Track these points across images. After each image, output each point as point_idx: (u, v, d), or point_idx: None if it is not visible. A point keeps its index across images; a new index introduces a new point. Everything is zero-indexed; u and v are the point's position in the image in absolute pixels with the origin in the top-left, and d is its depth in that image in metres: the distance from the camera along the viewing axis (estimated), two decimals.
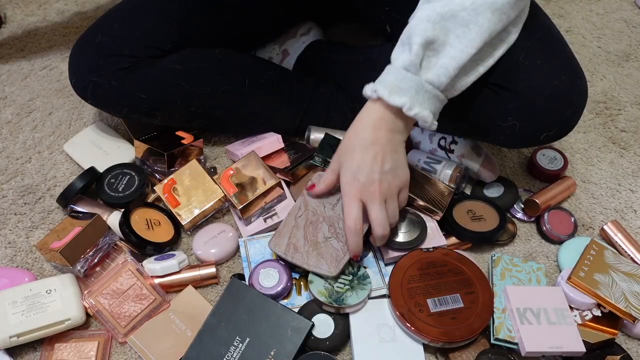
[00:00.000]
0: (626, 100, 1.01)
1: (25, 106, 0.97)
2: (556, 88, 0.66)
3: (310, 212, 0.69)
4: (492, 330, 0.66)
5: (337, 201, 0.69)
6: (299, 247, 0.68)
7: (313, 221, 0.68)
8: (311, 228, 0.68)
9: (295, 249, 0.68)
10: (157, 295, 0.70)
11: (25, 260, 0.76)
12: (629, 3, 1.23)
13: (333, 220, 0.68)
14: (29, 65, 1.04)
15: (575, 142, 0.93)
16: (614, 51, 1.10)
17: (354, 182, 0.62)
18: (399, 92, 0.59)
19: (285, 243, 0.68)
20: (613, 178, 0.88)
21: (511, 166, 0.89)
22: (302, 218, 0.69)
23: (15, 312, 0.65)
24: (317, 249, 0.67)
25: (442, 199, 0.77)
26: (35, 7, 1.18)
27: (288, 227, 0.69)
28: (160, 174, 0.83)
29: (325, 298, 0.67)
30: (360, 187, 0.62)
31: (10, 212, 0.82)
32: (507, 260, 0.73)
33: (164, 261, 0.72)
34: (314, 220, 0.68)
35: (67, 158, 0.88)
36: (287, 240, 0.68)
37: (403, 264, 0.71)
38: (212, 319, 0.65)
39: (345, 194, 0.63)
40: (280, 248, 0.68)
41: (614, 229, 0.78)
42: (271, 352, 0.63)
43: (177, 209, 0.77)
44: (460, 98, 0.65)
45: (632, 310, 0.66)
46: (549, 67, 0.67)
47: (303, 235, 0.68)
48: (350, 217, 0.63)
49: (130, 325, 0.68)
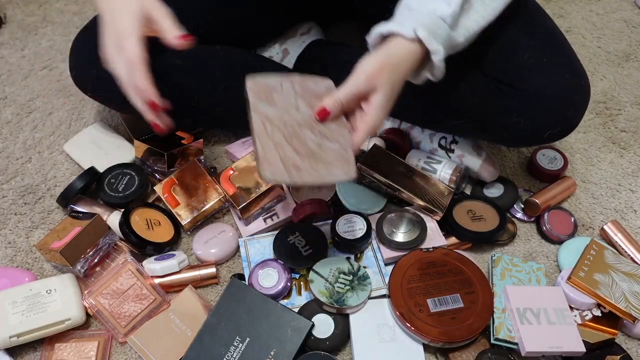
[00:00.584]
0: (626, 100, 1.01)
1: (26, 106, 0.97)
2: (560, 87, 0.67)
3: (281, 124, 0.58)
4: (492, 330, 0.67)
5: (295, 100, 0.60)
6: (298, 164, 0.57)
7: (291, 132, 0.58)
8: (295, 140, 0.58)
9: (296, 169, 0.57)
10: (157, 295, 0.70)
11: (25, 260, 0.76)
12: (629, 3, 1.23)
13: (309, 121, 0.59)
14: (29, 66, 1.04)
15: (575, 142, 0.93)
16: (613, 51, 1.10)
17: (387, 106, 0.59)
18: (435, 38, 0.58)
19: (282, 167, 0.56)
20: (613, 178, 0.88)
21: (511, 166, 0.89)
22: (278, 134, 0.58)
23: (15, 312, 0.65)
24: (317, 157, 0.58)
25: (442, 199, 0.77)
26: (35, 7, 1.18)
27: (270, 150, 0.57)
28: (160, 174, 0.83)
29: (326, 298, 0.67)
30: (384, 116, 0.60)
31: (11, 212, 0.82)
32: (507, 260, 0.73)
33: (164, 261, 0.72)
34: (292, 131, 0.58)
35: (67, 158, 0.88)
36: (282, 164, 0.57)
37: (403, 264, 0.71)
38: (212, 319, 0.66)
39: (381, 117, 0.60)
40: (282, 175, 0.56)
41: (614, 229, 0.78)
42: (271, 352, 0.63)
43: (177, 209, 0.77)
44: (465, 95, 0.65)
45: (632, 310, 0.66)
46: (553, 66, 0.68)
47: (293, 150, 0.57)
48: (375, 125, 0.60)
49: (130, 325, 0.68)
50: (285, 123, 0.59)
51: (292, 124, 0.59)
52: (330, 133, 0.59)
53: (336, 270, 0.70)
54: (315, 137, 0.59)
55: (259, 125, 0.58)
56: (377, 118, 0.58)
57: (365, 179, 0.78)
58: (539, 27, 0.70)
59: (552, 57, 0.69)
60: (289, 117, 0.59)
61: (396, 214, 0.77)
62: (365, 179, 0.78)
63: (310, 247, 0.73)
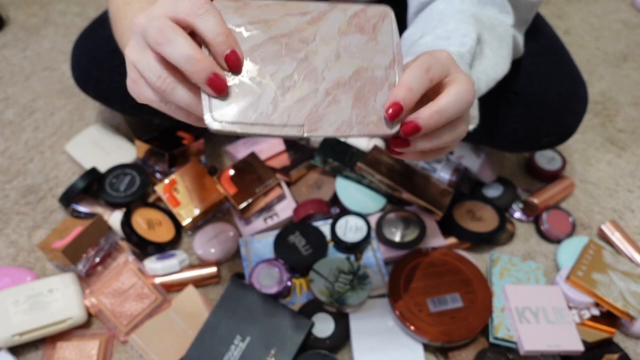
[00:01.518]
0: (624, 100, 1.01)
1: (28, 107, 0.97)
2: (559, 94, 0.68)
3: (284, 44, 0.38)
4: (491, 329, 0.67)
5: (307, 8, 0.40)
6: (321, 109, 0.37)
7: (303, 57, 0.38)
8: (310, 70, 0.38)
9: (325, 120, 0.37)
10: (158, 294, 0.70)
11: (27, 259, 0.77)
12: (626, 4, 1.23)
13: (325, 35, 0.39)
14: (31, 66, 1.05)
15: (574, 143, 0.94)
16: (612, 52, 1.11)
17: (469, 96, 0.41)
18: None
19: (304, 112, 0.37)
20: (611, 178, 0.89)
21: (510, 166, 0.89)
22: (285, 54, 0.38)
23: (17, 311, 0.66)
24: (355, 95, 0.38)
25: (441, 199, 0.78)
26: (37, 8, 1.18)
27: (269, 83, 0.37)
28: (161, 174, 0.83)
29: (326, 298, 0.67)
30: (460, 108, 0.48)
31: (13, 211, 0.82)
32: (506, 259, 0.74)
33: (165, 261, 0.72)
34: (303, 57, 0.38)
35: (68, 158, 0.89)
36: (302, 107, 0.37)
37: (402, 263, 0.71)
38: (213, 318, 0.66)
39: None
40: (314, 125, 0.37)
41: (612, 229, 0.79)
42: (271, 351, 0.63)
43: (178, 208, 0.78)
44: None
45: (629, 309, 0.66)
46: (554, 73, 0.69)
47: (315, 84, 0.37)
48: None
49: (131, 325, 0.68)
50: (290, 45, 0.38)
51: (299, 44, 0.38)
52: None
53: (336, 270, 0.70)
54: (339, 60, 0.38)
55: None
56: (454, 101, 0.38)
57: (365, 179, 0.79)
58: (539, 34, 0.71)
59: (553, 64, 0.70)
60: (291, 28, 0.39)
61: (396, 214, 0.77)
62: (365, 179, 0.79)
63: (310, 246, 0.73)
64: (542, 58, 0.69)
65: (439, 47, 0.52)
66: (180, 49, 0.34)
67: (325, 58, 0.38)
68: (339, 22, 0.39)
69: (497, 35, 0.56)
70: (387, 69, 0.39)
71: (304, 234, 0.74)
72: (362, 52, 0.39)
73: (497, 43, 0.56)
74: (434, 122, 0.38)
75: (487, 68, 0.55)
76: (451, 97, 0.38)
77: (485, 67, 0.55)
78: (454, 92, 0.38)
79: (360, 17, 0.40)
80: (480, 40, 0.54)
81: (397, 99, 0.37)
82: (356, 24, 0.40)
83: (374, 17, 0.40)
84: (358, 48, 0.39)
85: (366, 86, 0.38)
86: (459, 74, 0.39)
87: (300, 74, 0.38)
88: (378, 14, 0.40)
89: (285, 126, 0.36)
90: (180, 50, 0.34)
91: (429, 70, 0.38)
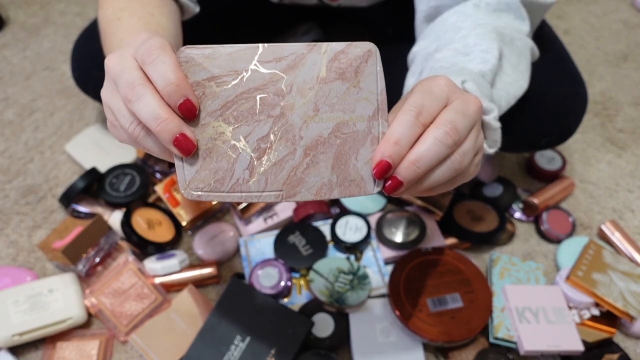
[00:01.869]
0: (624, 100, 1.01)
1: (28, 107, 0.97)
2: (559, 94, 0.68)
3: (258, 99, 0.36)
4: (491, 329, 0.67)
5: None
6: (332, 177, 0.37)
7: (279, 114, 0.36)
8: (287, 128, 0.36)
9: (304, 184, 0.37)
10: (158, 294, 0.70)
11: (27, 259, 0.77)
12: (626, 4, 1.23)
13: (302, 86, 0.36)
14: (31, 66, 1.05)
15: (574, 143, 0.94)
16: (612, 52, 1.11)
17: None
18: (482, 94, 0.46)
19: (282, 177, 0.36)
20: (611, 178, 0.89)
21: (510, 166, 0.89)
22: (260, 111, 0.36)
23: (17, 311, 0.66)
24: (335, 154, 0.37)
25: (441, 199, 0.78)
26: (37, 8, 1.18)
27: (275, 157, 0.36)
28: (161, 174, 0.83)
29: (326, 298, 0.67)
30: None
31: (13, 211, 0.82)
32: (506, 259, 0.74)
33: (165, 261, 0.72)
34: (279, 113, 0.36)
35: (68, 158, 0.89)
36: (279, 170, 0.36)
37: (402, 263, 0.71)
38: (213, 318, 0.66)
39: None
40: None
41: (612, 229, 0.79)
42: (271, 351, 0.63)
43: (178, 208, 0.78)
44: None
45: (629, 309, 0.66)
46: (554, 73, 0.69)
47: (292, 145, 0.36)
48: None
49: (131, 324, 0.68)
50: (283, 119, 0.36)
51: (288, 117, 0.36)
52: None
53: (336, 270, 0.70)
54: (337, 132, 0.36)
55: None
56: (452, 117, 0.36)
57: None
58: (540, 36, 0.71)
59: (552, 64, 0.70)
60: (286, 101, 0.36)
61: (396, 214, 0.77)
62: None
63: (310, 246, 0.73)
64: (542, 58, 0.69)
65: (459, 63, 0.48)
66: (147, 107, 0.33)
67: (302, 114, 0.36)
68: (317, 68, 0.36)
69: (516, 50, 0.53)
70: (370, 119, 0.36)
71: (304, 234, 0.74)
72: (342, 102, 0.36)
73: (516, 58, 0.53)
74: (414, 175, 0.35)
75: (508, 85, 0.52)
76: (429, 142, 0.34)
77: (506, 85, 0.52)
78: (432, 135, 0.35)
79: (340, 61, 0.36)
80: (501, 56, 0.51)
81: (383, 156, 0.34)
82: (336, 69, 0.36)
83: (357, 59, 0.36)
84: (338, 98, 0.36)
85: (347, 143, 0.36)
86: (456, 101, 0.37)
87: (276, 134, 0.36)
88: (361, 55, 0.36)
89: (262, 193, 0.36)
90: (147, 109, 0.33)
91: (420, 114, 0.35)
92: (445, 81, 0.37)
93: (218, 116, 0.36)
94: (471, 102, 0.37)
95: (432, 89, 0.36)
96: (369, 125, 0.36)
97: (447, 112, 0.36)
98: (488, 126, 0.46)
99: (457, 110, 0.36)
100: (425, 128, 0.35)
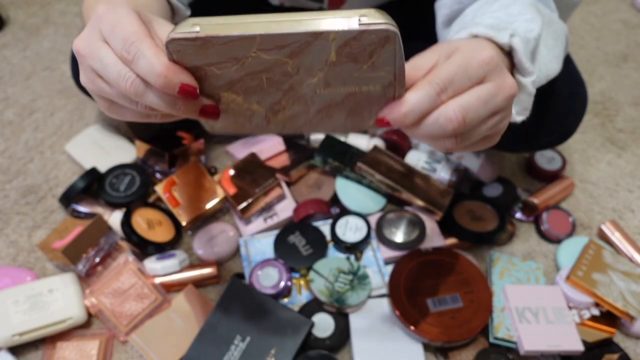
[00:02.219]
0: (624, 100, 1.01)
1: (28, 107, 0.97)
2: (559, 94, 0.67)
3: (264, 78, 0.34)
4: (491, 329, 0.67)
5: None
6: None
7: (288, 88, 0.35)
8: (298, 97, 0.36)
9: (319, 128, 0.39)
10: (158, 294, 0.70)
11: (27, 259, 0.77)
12: (626, 4, 1.23)
13: (310, 67, 0.34)
14: (31, 67, 1.05)
15: (574, 143, 0.94)
16: (612, 52, 1.11)
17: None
18: (526, 57, 0.44)
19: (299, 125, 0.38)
20: (611, 178, 0.89)
21: (510, 166, 0.89)
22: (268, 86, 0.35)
23: (17, 311, 0.66)
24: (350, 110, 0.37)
25: (441, 199, 0.78)
26: (37, 8, 1.18)
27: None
28: (161, 174, 0.83)
29: (326, 298, 0.67)
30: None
31: (13, 211, 0.82)
32: (506, 259, 0.74)
33: (165, 261, 0.72)
34: (288, 87, 0.35)
35: (68, 158, 0.89)
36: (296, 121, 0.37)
37: (403, 263, 0.71)
38: (213, 318, 0.66)
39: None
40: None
41: (612, 229, 0.79)
42: (271, 351, 0.63)
43: (178, 208, 0.78)
44: None
45: (629, 309, 0.66)
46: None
47: (305, 107, 0.36)
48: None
49: (131, 325, 0.68)
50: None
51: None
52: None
53: (336, 270, 0.70)
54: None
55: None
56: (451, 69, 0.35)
57: (365, 179, 0.79)
58: None
59: None
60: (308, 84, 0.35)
61: (396, 214, 0.77)
62: (365, 179, 0.79)
63: (310, 246, 0.73)
64: None
65: (503, 29, 0.43)
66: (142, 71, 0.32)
67: (312, 87, 0.34)
68: (325, 53, 0.32)
69: (553, 33, 0.51)
70: (386, 87, 0.34)
71: (304, 234, 0.74)
72: (356, 79, 0.34)
73: (552, 41, 0.51)
74: (405, 129, 0.34)
75: (541, 65, 0.49)
76: (430, 120, 0.34)
77: (540, 64, 0.49)
78: (437, 115, 0.33)
79: (352, 47, 0.32)
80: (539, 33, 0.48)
81: (388, 118, 0.34)
82: (347, 54, 0.32)
83: (371, 44, 0.32)
84: (350, 75, 0.33)
85: (361, 103, 0.35)
86: (489, 84, 0.34)
87: (288, 101, 0.35)
88: (377, 41, 0.31)
89: (282, 130, 0.37)
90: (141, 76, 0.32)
91: (444, 92, 0.33)
92: (489, 58, 0.34)
93: (227, 89, 0.35)
94: (505, 89, 0.35)
95: (471, 64, 0.34)
96: (384, 91, 0.35)
97: (469, 96, 0.34)
98: (524, 89, 0.43)
99: (480, 97, 0.34)
100: (443, 103, 0.34)
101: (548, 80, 0.53)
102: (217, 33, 0.31)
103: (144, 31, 0.33)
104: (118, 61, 0.33)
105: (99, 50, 0.34)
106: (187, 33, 0.31)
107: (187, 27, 0.31)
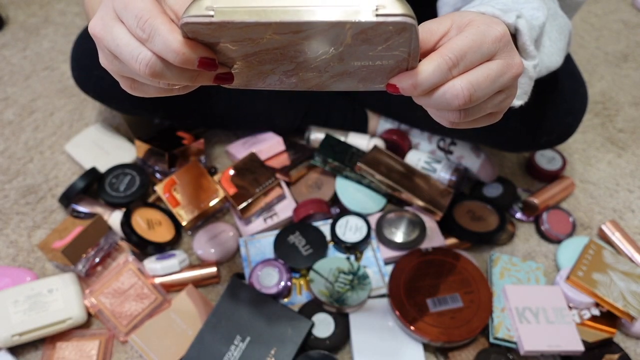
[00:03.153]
0: (624, 100, 1.01)
1: (27, 107, 0.97)
2: (559, 93, 0.67)
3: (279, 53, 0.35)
4: (491, 329, 0.67)
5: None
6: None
7: (302, 60, 0.36)
8: (312, 67, 0.37)
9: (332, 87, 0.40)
10: (158, 294, 0.70)
11: (27, 259, 0.77)
12: (627, 4, 1.23)
13: (324, 46, 0.34)
14: (31, 66, 1.05)
15: (574, 142, 0.94)
16: (612, 52, 1.11)
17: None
18: (530, 40, 0.44)
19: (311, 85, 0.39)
20: (611, 178, 0.89)
21: (510, 166, 0.89)
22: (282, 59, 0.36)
23: (17, 311, 0.66)
24: (361, 78, 0.38)
25: (441, 199, 0.78)
26: (37, 8, 1.18)
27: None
28: (161, 174, 0.83)
29: (326, 298, 0.67)
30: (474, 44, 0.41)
31: (13, 211, 0.82)
32: (506, 259, 0.74)
33: (165, 261, 0.72)
34: (302, 60, 0.36)
35: (68, 158, 0.89)
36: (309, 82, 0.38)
37: (403, 263, 0.71)
38: (213, 318, 0.66)
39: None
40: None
41: (612, 229, 0.79)
42: (271, 351, 0.63)
43: (178, 208, 0.78)
44: None
45: (630, 310, 0.66)
46: (553, 73, 0.68)
47: (318, 74, 0.37)
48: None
49: (131, 325, 0.68)
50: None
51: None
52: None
53: (336, 270, 0.70)
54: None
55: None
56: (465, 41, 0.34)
57: (365, 179, 0.79)
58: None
59: None
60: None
61: (396, 214, 0.77)
62: (365, 179, 0.79)
63: (310, 246, 0.73)
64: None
65: (509, 10, 0.43)
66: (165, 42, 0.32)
67: (326, 61, 0.35)
68: (340, 38, 0.33)
69: (557, 26, 0.52)
70: (400, 62, 0.34)
71: (304, 234, 0.74)
72: (370, 56, 0.34)
73: (556, 34, 0.52)
74: (413, 92, 0.34)
75: (543, 56, 0.50)
76: (438, 94, 0.34)
77: (542, 54, 0.50)
78: (444, 90, 0.34)
79: (368, 34, 0.32)
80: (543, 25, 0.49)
81: (398, 85, 0.35)
82: (363, 39, 0.33)
83: (387, 32, 0.32)
84: (365, 54, 0.34)
85: (374, 72, 0.36)
86: (498, 61, 0.34)
87: (301, 69, 0.36)
88: (394, 30, 0.32)
89: (294, 89, 0.38)
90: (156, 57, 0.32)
91: (456, 66, 0.33)
92: (502, 35, 0.35)
93: (241, 60, 0.35)
94: (512, 68, 0.36)
95: (485, 40, 0.34)
96: (397, 64, 0.35)
97: (479, 73, 0.35)
98: (525, 72, 0.44)
99: (489, 76, 0.35)
100: (453, 77, 0.34)
101: (549, 72, 0.53)
102: (232, 19, 0.31)
103: (157, 7, 0.33)
104: (132, 40, 0.33)
105: (112, 29, 0.34)
106: (201, 17, 0.31)
107: (200, 10, 0.32)
